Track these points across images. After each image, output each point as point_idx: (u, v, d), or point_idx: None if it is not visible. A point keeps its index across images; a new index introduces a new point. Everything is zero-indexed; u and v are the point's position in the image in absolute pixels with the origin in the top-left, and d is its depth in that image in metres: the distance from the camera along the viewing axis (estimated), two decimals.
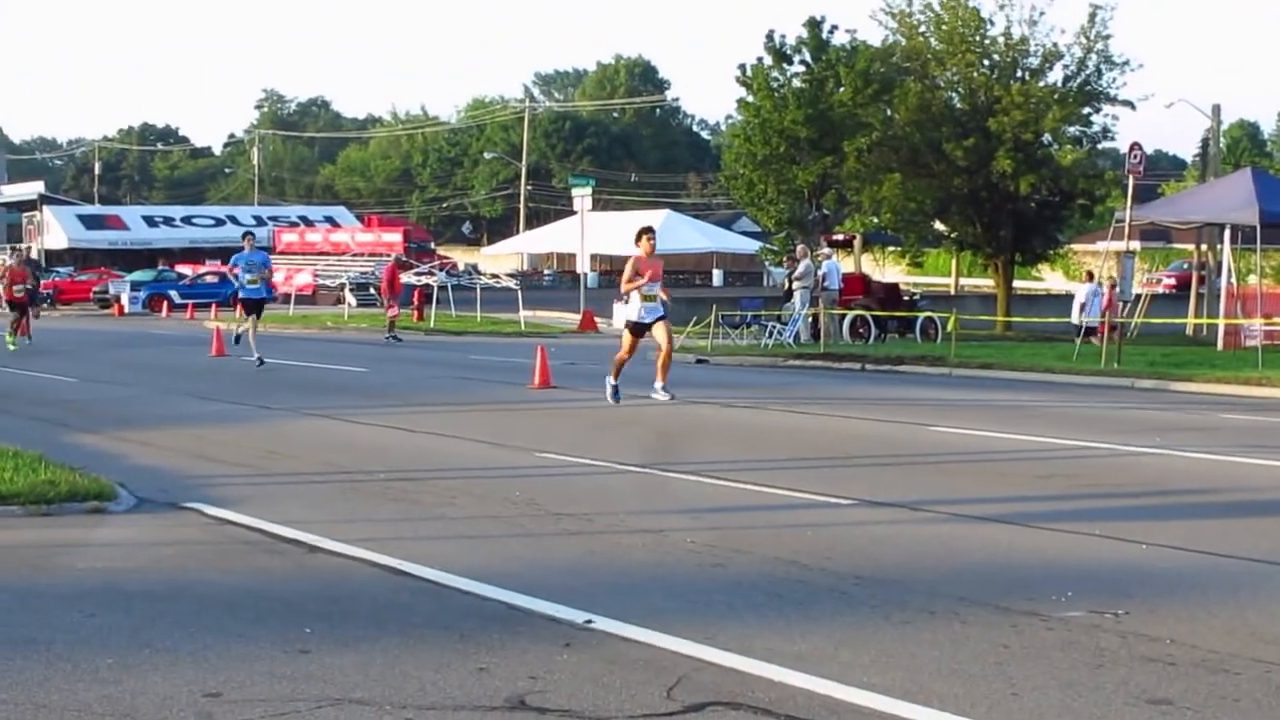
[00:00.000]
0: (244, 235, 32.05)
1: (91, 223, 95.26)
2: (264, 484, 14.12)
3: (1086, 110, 47.13)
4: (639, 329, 21.84)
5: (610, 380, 21.40)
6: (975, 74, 46.83)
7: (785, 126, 46.29)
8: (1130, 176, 33.34)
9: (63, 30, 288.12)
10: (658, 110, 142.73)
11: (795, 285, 37.27)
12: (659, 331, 21.83)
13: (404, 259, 49.53)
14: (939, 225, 50.36)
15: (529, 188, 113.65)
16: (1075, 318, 37.84)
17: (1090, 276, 40.70)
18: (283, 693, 7.13)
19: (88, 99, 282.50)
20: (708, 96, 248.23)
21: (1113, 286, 34.39)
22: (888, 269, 65.52)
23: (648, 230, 22.05)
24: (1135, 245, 44.71)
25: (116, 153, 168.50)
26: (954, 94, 48.48)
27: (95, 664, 7.59)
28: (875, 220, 50.85)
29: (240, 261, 30.46)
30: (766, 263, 64.25)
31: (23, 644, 7.99)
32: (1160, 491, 13.26)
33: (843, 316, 37.83)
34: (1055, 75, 46.96)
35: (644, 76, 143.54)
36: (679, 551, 10.55)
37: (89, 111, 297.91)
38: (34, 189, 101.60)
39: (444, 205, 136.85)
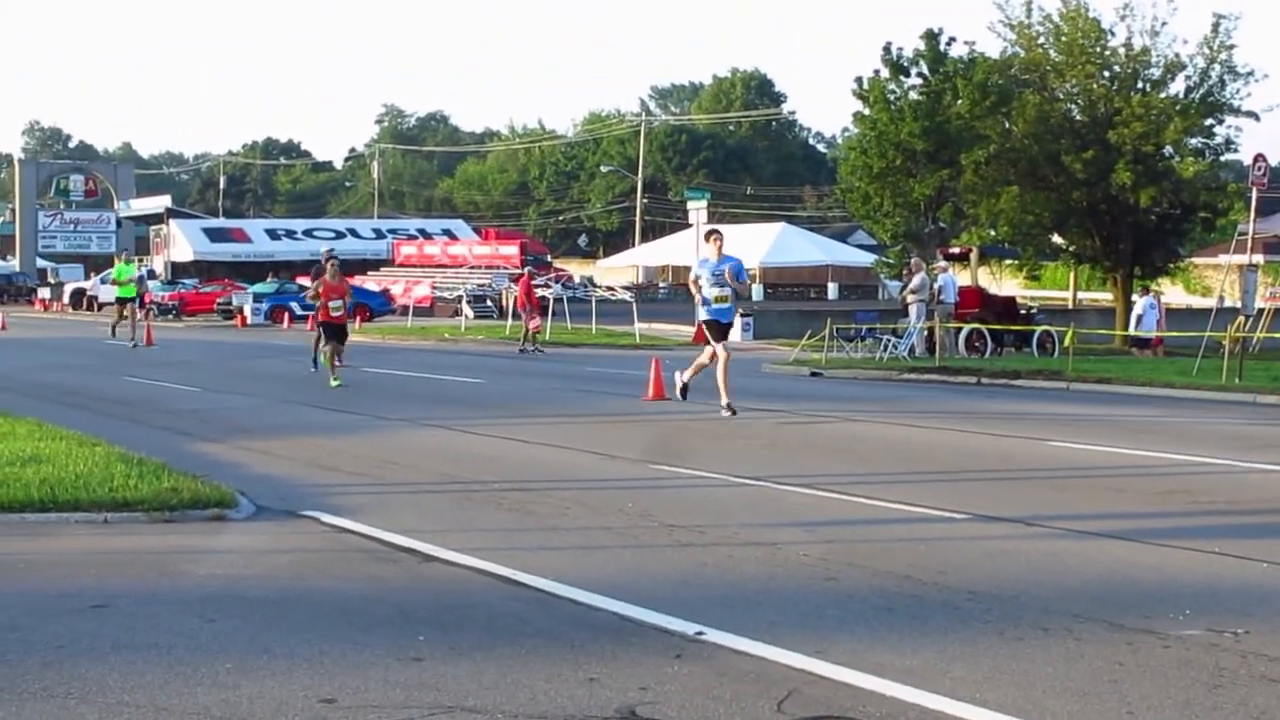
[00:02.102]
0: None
1: (216, 235, 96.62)
2: (380, 493, 14.26)
3: (1209, 122, 46.42)
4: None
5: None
6: (1095, 85, 46.29)
7: (902, 139, 46.02)
8: (1254, 189, 32.87)
9: (190, 49, 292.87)
10: (773, 123, 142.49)
11: (911, 299, 37.06)
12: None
13: (536, 271, 49.63)
14: (1057, 238, 49.81)
15: (645, 201, 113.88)
16: (1132, 329, 37.80)
17: (1146, 291, 41.77)
18: (396, 699, 7.21)
19: (214, 115, 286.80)
20: (824, 109, 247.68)
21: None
22: (1004, 282, 64.85)
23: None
24: (1258, 259, 43.96)
25: (240, 167, 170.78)
26: (1073, 106, 47.94)
27: (214, 668, 7.71)
28: (992, 233, 50.40)
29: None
30: (882, 276, 63.92)
31: (145, 648, 8.14)
32: None
33: (958, 330, 37.56)
34: (1177, 86, 46.32)
35: (760, 90, 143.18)
36: (791, 564, 10.54)
37: (215, 127, 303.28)
38: (161, 203, 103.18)
39: (560, 218, 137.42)
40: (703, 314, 22.20)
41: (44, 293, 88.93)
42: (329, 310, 28.19)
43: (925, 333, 36.28)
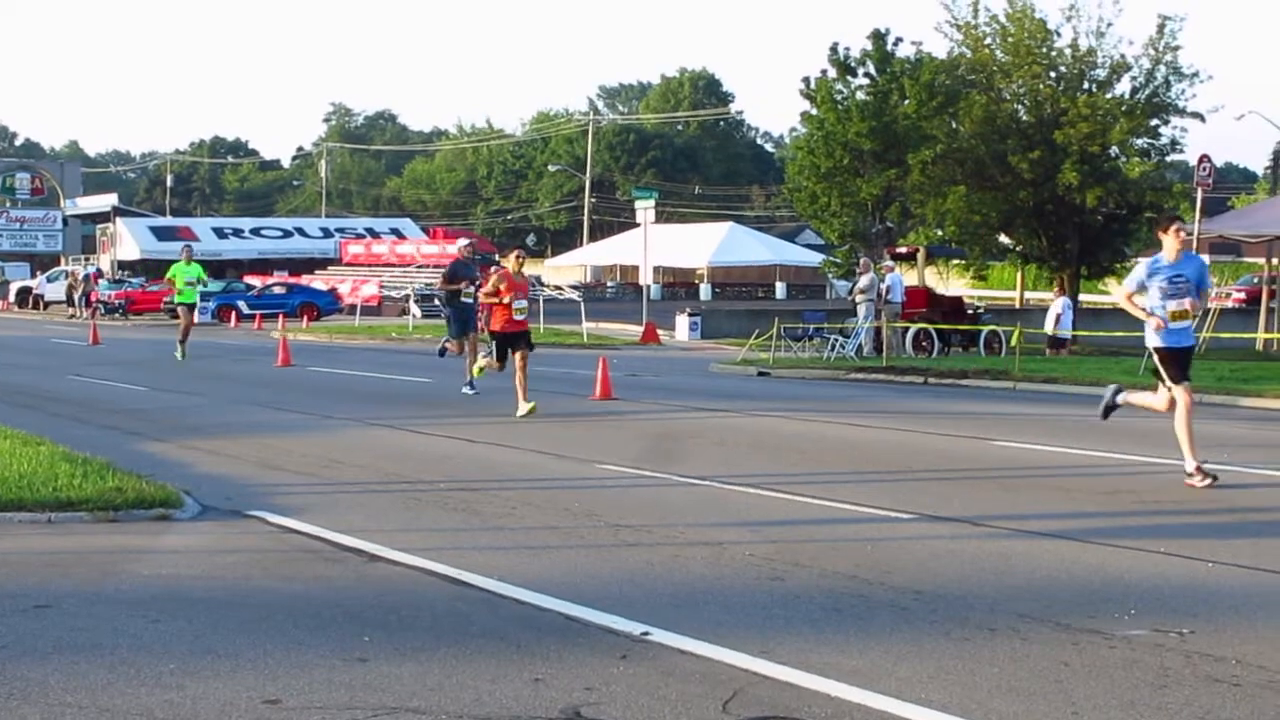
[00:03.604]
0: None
1: (163, 234, 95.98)
2: (326, 493, 14.21)
3: (1155, 122, 46.66)
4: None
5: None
6: (1041, 86, 46.47)
7: (849, 139, 46.13)
8: (1199, 189, 33.07)
9: (136, 46, 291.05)
10: (721, 123, 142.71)
11: (859, 298, 37.17)
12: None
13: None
14: (1004, 238, 49.99)
15: (593, 200, 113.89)
16: (1049, 329, 38.09)
17: (1062, 290, 41.92)
18: (341, 700, 7.19)
19: (161, 113, 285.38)
20: (771, 109, 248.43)
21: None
22: (951, 282, 65.13)
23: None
24: (1204, 259, 44.31)
25: (188, 165, 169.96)
26: (1020, 106, 48.11)
27: (158, 669, 7.67)
28: (939, 233, 50.57)
29: None
30: (829, 275, 64.07)
31: (88, 648, 8.09)
32: (1227, 509, 13.12)
33: (906, 330, 37.68)
34: (1123, 87, 46.51)
35: (708, 89, 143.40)
36: (737, 564, 10.55)
37: (162, 125, 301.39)
38: (108, 201, 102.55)
39: (508, 217, 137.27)
40: (1155, 339, 15.43)
41: None
42: (511, 312, 22.00)
43: (873, 332, 36.38)
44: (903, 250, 44.75)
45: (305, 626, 8.67)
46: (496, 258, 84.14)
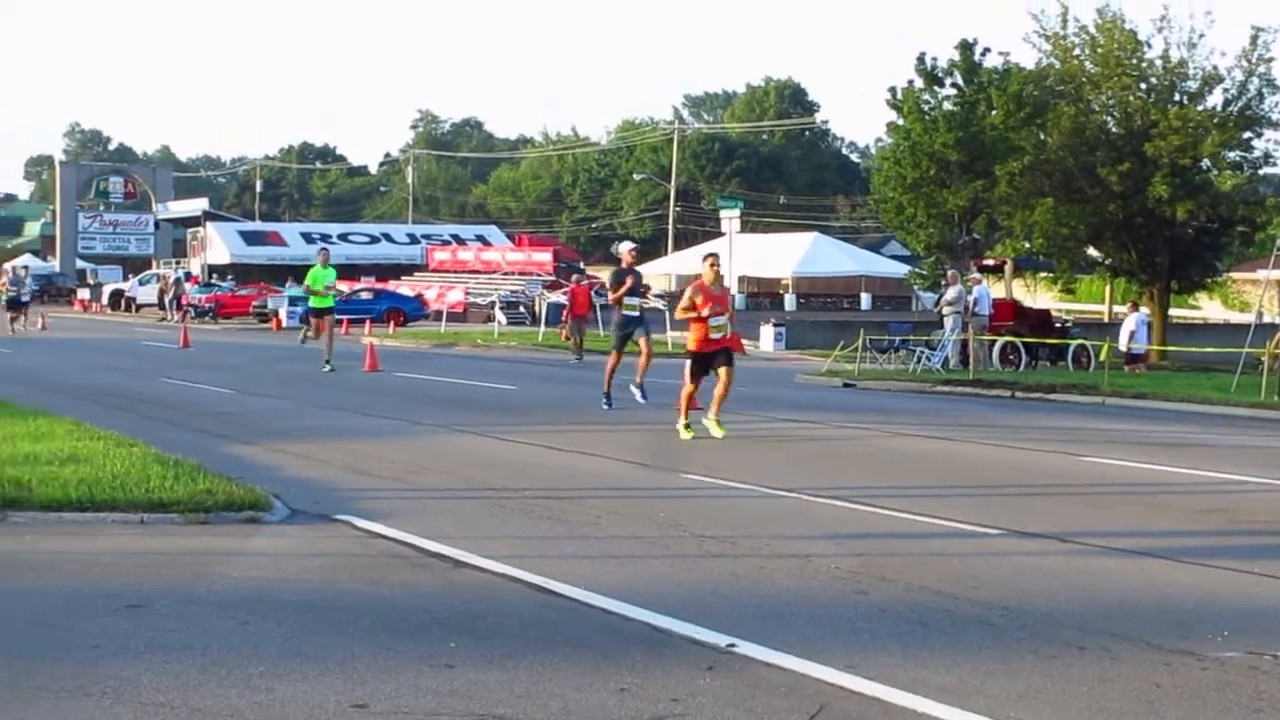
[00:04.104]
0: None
1: (252, 239, 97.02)
2: (413, 498, 14.28)
3: (1247, 135, 46.17)
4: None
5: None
6: (1131, 97, 46.10)
7: (936, 149, 45.93)
8: None
9: (228, 53, 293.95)
10: (807, 132, 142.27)
11: (946, 310, 36.99)
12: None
13: (589, 279, 49.18)
14: (1092, 251, 49.65)
15: (677, 209, 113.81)
16: (1123, 344, 37.75)
17: (1135, 306, 42.08)
18: (428, 706, 7.22)
19: (251, 119, 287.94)
20: (858, 119, 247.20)
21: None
22: (1039, 295, 64.62)
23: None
24: None
25: (277, 171, 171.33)
26: (1109, 118, 47.75)
27: (248, 671, 7.73)
28: (1027, 245, 50.21)
29: None
30: (915, 287, 63.80)
31: (179, 649, 8.17)
32: None
33: (993, 343, 37.45)
34: (1215, 99, 46.08)
35: (793, 99, 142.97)
36: (823, 577, 10.52)
37: (252, 131, 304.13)
38: (199, 206, 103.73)
39: (593, 225, 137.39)
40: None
41: (83, 293, 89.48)
42: (708, 330, 19.66)
43: (959, 345, 36.19)
44: (990, 262, 44.47)
45: (392, 631, 8.72)
46: (580, 265, 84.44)
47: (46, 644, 8.22)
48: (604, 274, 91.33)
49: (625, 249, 24.86)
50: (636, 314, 24.06)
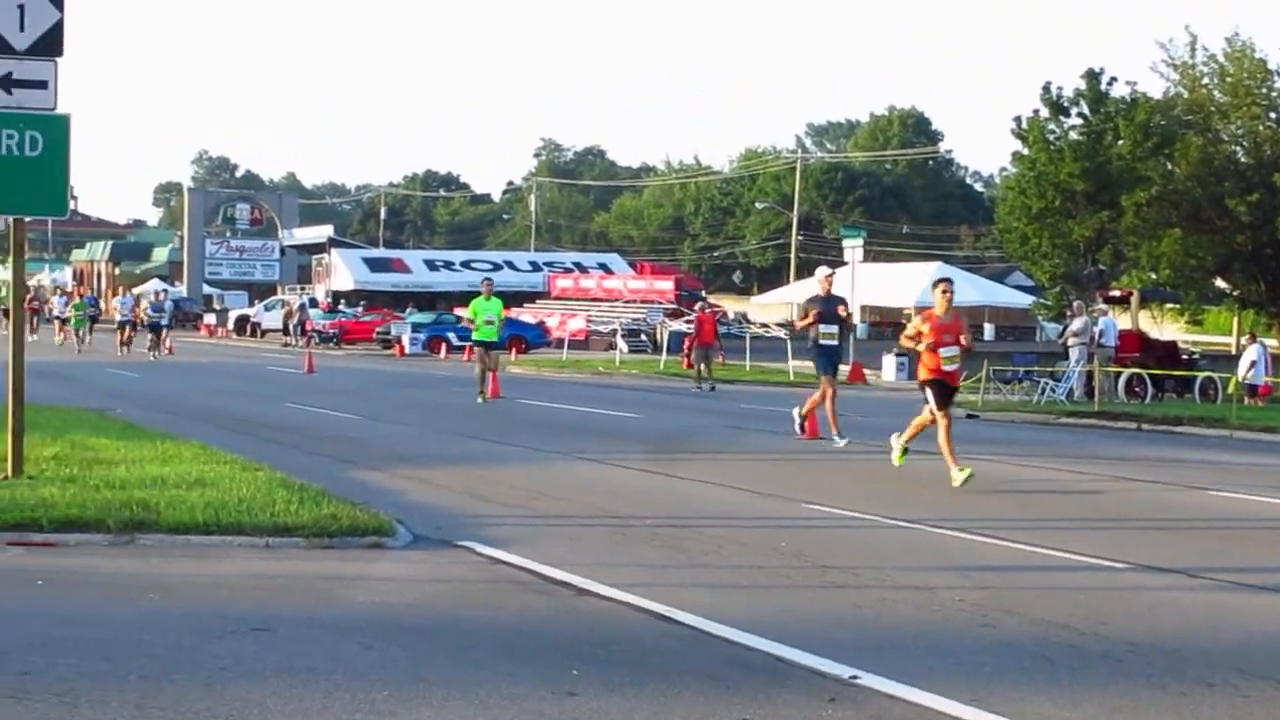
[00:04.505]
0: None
1: (376, 265, 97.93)
2: (534, 525, 14.34)
3: None
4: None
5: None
6: (1261, 127, 45.51)
7: (1061, 179, 45.56)
8: None
9: (354, 81, 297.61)
10: (930, 162, 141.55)
11: (1071, 341, 36.62)
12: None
13: (714, 308, 49.07)
14: (1220, 283, 49.04)
15: (800, 237, 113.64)
16: (1241, 375, 37.09)
17: (1254, 337, 41.63)
18: None
19: (375, 147, 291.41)
20: (982, 148, 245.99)
21: None
22: (1165, 327, 63.81)
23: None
24: None
25: (401, 198, 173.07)
26: (1238, 147, 47.19)
27: (372, 695, 7.78)
28: (1153, 276, 49.68)
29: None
30: (1040, 318, 63.24)
31: (304, 672, 8.24)
32: None
33: (1118, 374, 37.01)
34: None
35: (917, 128, 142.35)
36: (947, 609, 10.44)
37: (376, 159, 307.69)
38: (324, 232, 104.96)
39: (715, 254, 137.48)
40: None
41: (209, 319, 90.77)
42: (940, 360, 18.21)
43: (1084, 376, 35.81)
44: (1116, 293, 43.97)
45: (514, 658, 8.75)
46: (702, 293, 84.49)
47: (174, 665, 8.32)
48: (725, 303, 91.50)
49: (822, 274, 23.96)
50: (835, 343, 23.30)
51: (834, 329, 23.16)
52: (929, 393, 18.26)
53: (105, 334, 64.47)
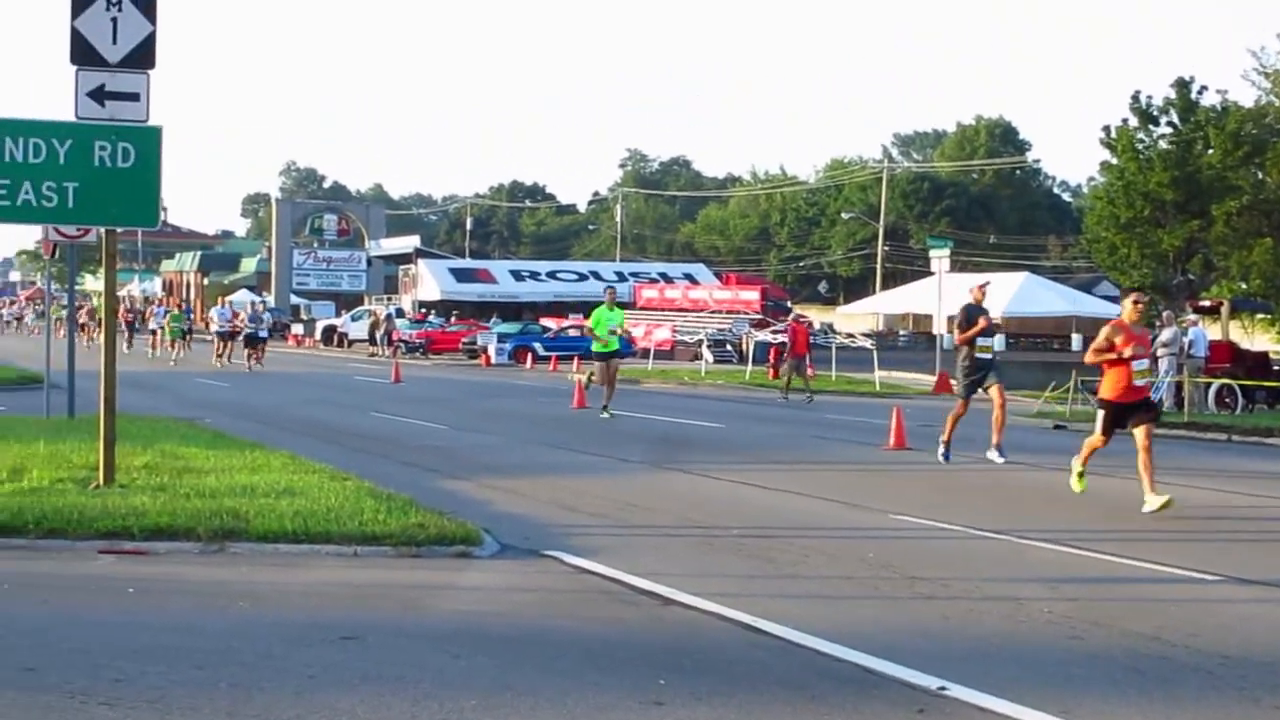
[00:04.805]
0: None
1: (462, 275, 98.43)
2: (621, 535, 14.36)
3: None
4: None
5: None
6: None
7: (1150, 189, 45.22)
8: None
9: (440, 92, 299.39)
10: (1018, 171, 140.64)
11: (1160, 352, 36.28)
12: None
13: (803, 318, 48.80)
14: None
15: (886, 248, 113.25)
16: None
17: None
18: None
19: (462, 158, 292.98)
20: (1069, 158, 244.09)
21: None
22: (1256, 337, 63.06)
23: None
24: None
25: (487, 209, 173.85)
26: None
27: (460, 704, 7.82)
28: (1244, 286, 49.14)
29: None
30: None
31: (392, 680, 8.30)
32: None
33: (1208, 385, 36.63)
34: None
35: (1004, 137, 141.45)
36: (1035, 621, 10.37)
37: (462, 170, 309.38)
38: (410, 243, 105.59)
39: (801, 264, 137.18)
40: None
41: (297, 329, 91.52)
42: (1130, 375, 17.44)
43: (1174, 387, 35.46)
44: (1206, 303, 43.52)
45: (601, 667, 8.77)
46: (788, 304, 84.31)
47: (265, 673, 8.40)
48: (811, 313, 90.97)
49: (977, 284, 23.33)
50: (989, 356, 22.61)
51: (990, 342, 22.77)
52: (1105, 413, 17.67)
53: (199, 345, 65.06)
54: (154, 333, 63.67)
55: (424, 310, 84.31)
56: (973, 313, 22.45)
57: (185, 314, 68.12)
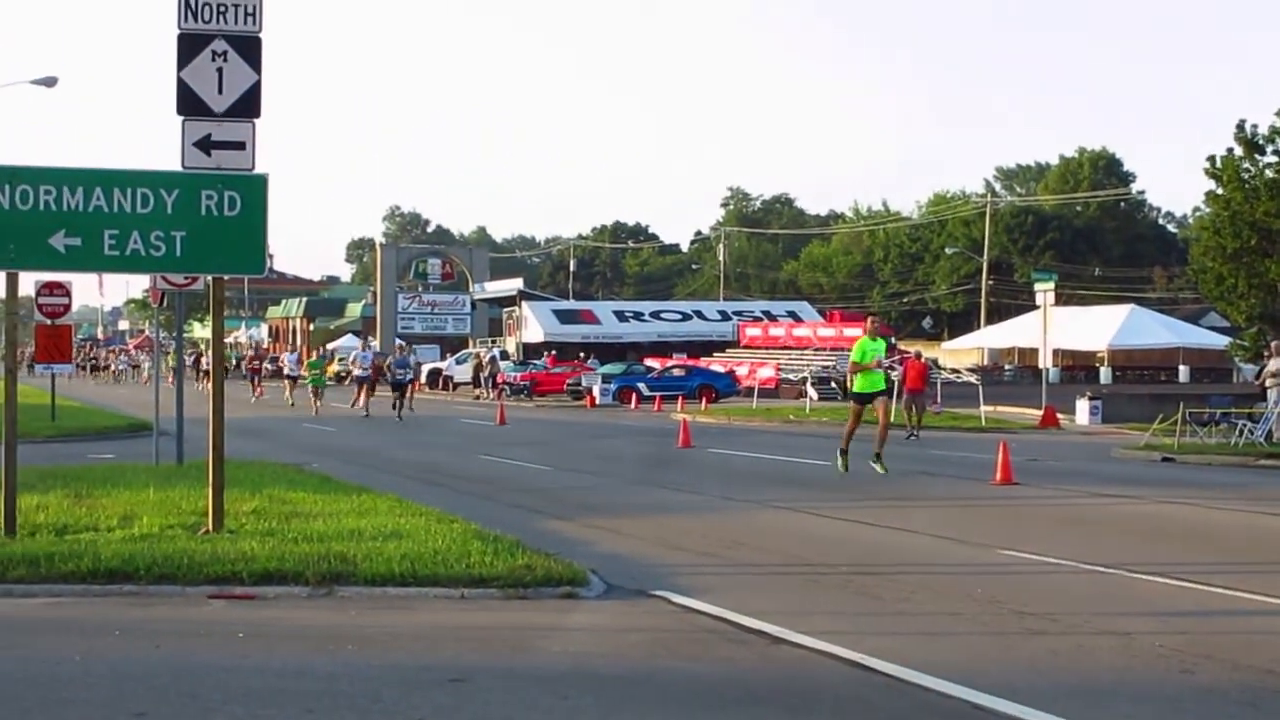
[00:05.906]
0: None
1: (566, 317, 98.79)
2: (728, 574, 14.36)
3: None
4: None
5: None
6: None
7: (1257, 219, 44.61)
8: None
9: (542, 136, 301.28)
10: (1122, 203, 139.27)
11: (1269, 382, 35.79)
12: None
13: (916, 353, 48.43)
14: None
15: (990, 282, 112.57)
16: None
17: None
18: None
19: (564, 200, 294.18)
20: (1174, 189, 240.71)
21: None
22: None
23: None
24: None
25: (590, 250, 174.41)
26: None
27: None
28: None
29: None
30: (1236, 359, 61.89)
31: None
32: None
33: None
34: None
35: (1108, 169, 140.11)
36: (1146, 655, 10.28)
37: (565, 211, 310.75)
38: (514, 285, 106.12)
39: (904, 300, 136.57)
40: None
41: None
42: None
43: None
44: None
45: (711, 707, 8.78)
46: (893, 339, 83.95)
47: (373, 716, 8.47)
48: (915, 349, 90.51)
49: None
50: None
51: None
52: None
53: (334, 392, 65.00)
54: (290, 380, 63.42)
55: (551, 355, 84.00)
56: None
57: (321, 360, 66.58)
